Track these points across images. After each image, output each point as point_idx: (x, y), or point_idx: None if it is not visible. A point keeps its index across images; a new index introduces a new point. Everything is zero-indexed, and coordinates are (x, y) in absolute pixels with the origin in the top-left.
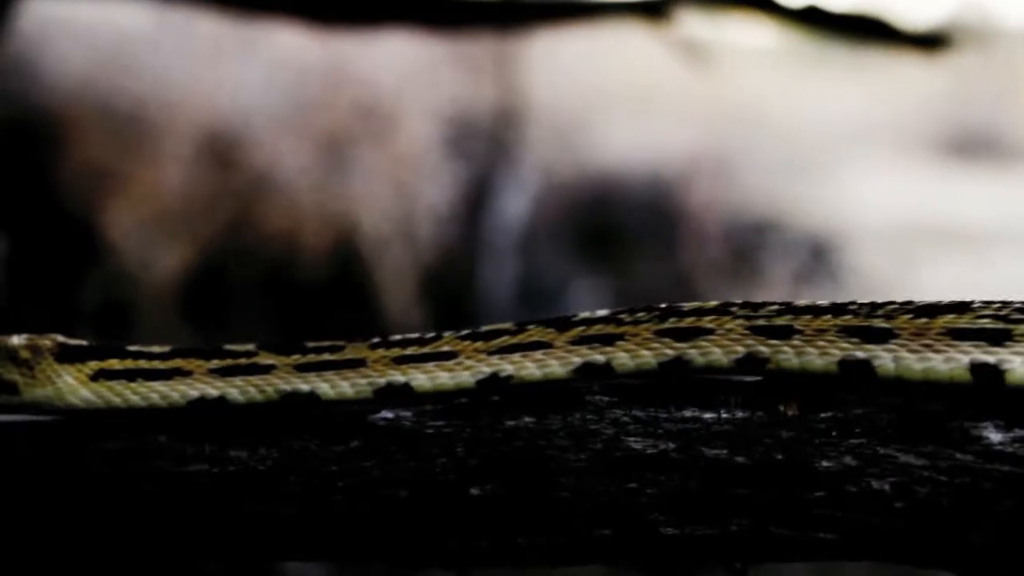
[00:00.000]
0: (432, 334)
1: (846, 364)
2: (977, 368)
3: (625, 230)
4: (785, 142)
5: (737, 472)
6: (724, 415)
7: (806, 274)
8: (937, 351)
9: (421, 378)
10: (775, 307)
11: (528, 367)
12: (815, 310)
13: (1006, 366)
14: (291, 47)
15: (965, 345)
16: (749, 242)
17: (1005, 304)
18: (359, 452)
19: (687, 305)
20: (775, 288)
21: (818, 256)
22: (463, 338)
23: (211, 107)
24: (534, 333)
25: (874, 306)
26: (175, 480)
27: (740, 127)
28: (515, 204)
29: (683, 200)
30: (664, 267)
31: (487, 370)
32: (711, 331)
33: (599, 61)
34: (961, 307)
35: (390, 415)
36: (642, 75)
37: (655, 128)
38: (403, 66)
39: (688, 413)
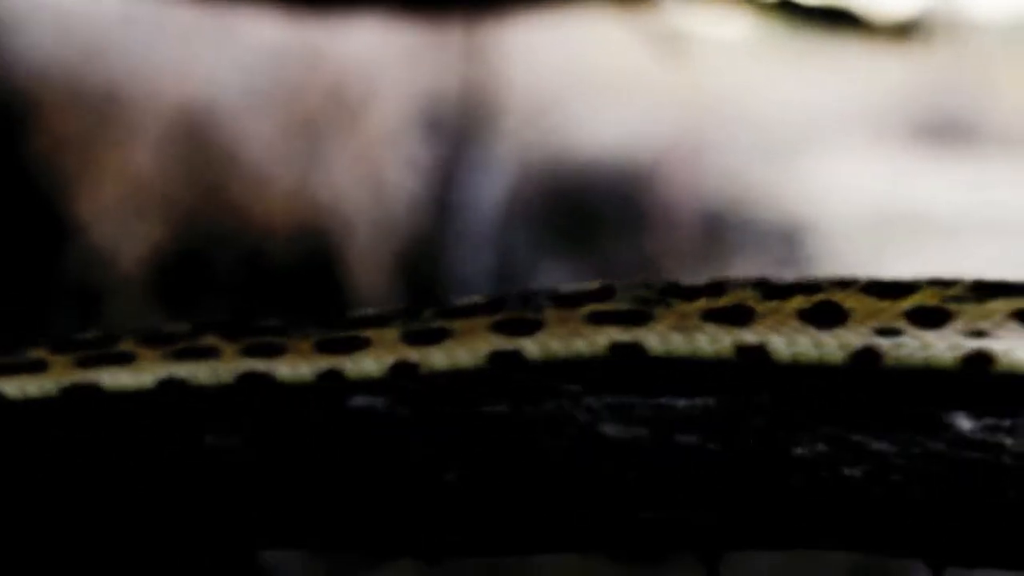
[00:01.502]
0: (115, 334)
1: (495, 356)
2: (618, 348)
3: (599, 216)
4: (759, 130)
5: (710, 459)
6: (698, 402)
7: (779, 261)
8: (581, 335)
9: (107, 379)
10: (432, 311)
11: (201, 374)
12: (470, 311)
13: (647, 344)
14: (264, 30)
15: (607, 328)
16: (723, 229)
17: (648, 286)
18: (332, 438)
19: (354, 313)
20: (748, 275)
21: (791, 243)
22: (143, 340)
23: (183, 89)
24: (208, 339)
25: (526, 299)
26: (145, 465)
27: (715, 115)
28: (489, 189)
29: (657, 187)
30: (638, 253)
31: (163, 374)
32: (368, 342)
33: (574, 48)
34: (603, 294)
35: (364, 401)
36: (617, 62)
37: (630, 115)
38: (376, 50)
39: (662, 400)
